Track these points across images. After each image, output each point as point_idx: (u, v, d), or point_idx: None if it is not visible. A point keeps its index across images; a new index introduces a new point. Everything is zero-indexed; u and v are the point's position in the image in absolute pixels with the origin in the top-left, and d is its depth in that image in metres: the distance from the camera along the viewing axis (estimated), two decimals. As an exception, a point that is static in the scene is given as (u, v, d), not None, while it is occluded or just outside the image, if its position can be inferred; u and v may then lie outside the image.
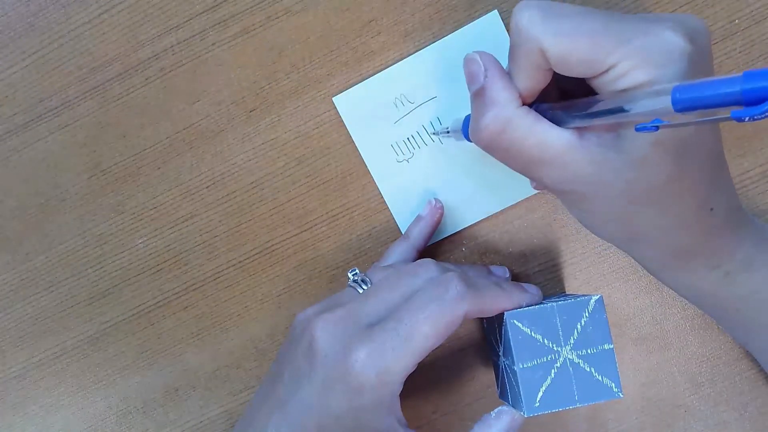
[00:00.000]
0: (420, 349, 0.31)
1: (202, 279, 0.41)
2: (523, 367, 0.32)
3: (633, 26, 0.27)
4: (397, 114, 0.39)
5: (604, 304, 0.33)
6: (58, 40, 0.40)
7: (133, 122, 0.40)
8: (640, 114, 0.25)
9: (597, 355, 0.32)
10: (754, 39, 0.38)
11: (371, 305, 0.33)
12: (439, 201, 0.39)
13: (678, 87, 0.22)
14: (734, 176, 0.39)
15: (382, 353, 0.31)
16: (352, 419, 0.31)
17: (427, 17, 0.39)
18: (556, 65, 0.28)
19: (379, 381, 0.31)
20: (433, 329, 0.31)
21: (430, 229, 0.38)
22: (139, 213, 0.41)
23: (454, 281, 0.32)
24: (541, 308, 0.33)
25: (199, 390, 0.42)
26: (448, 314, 0.31)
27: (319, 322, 0.32)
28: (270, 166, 0.40)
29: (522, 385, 0.32)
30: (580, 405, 0.32)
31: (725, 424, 0.40)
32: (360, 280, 0.35)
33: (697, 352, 0.40)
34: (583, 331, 0.32)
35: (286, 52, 0.39)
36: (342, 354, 0.31)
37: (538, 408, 0.32)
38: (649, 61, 0.26)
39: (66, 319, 0.42)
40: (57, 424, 0.43)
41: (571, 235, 0.40)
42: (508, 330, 0.33)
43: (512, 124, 0.30)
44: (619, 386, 0.32)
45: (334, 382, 0.31)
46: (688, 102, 0.22)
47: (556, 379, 0.32)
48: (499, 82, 0.30)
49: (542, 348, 0.32)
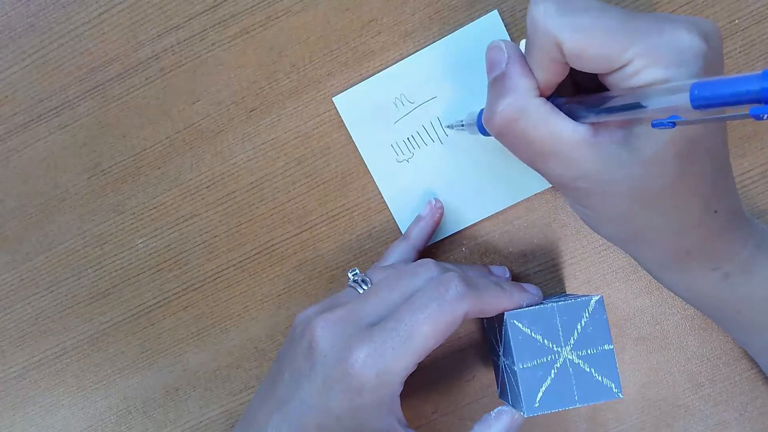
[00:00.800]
0: (420, 349, 0.31)
1: (202, 279, 0.41)
2: (523, 368, 0.32)
3: (648, 24, 0.27)
4: (397, 114, 0.39)
5: (605, 305, 0.33)
6: (58, 40, 0.40)
7: (133, 122, 0.40)
8: (657, 110, 0.25)
9: (597, 356, 0.32)
10: (754, 39, 0.38)
11: (371, 305, 0.33)
12: (439, 201, 0.39)
13: (697, 84, 0.22)
14: (734, 176, 0.39)
15: (383, 353, 0.31)
16: (352, 419, 0.31)
17: (427, 17, 0.39)
18: (571, 59, 0.28)
19: (379, 381, 0.31)
20: (433, 329, 0.31)
21: (430, 229, 0.38)
22: (139, 213, 0.41)
23: (454, 281, 0.32)
24: (542, 308, 0.33)
25: (199, 390, 0.42)
26: (449, 314, 0.31)
27: (319, 322, 0.32)
28: (270, 166, 0.40)
29: (522, 385, 0.32)
30: (580, 405, 0.32)
31: (725, 424, 0.40)
32: (360, 281, 0.35)
33: (697, 352, 0.40)
34: (583, 331, 0.32)
35: (286, 52, 0.39)
36: (342, 354, 0.31)
37: (538, 408, 0.32)
38: (664, 59, 0.26)
39: (66, 319, 0.42)
40: (57, 424, 0.43)
41: (571, 235, 0.40)
42: (509, 330, 0.32)
43: (527, 113, 0.30)
44: (619, 387, 0.32)
45: (334, 382, 0.31)
46: (706, 99, 0.22)
47: (556, 379, 0.32)
48: (520, 69, 0.30)
49: (542, 348, 0.32)
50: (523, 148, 0.31)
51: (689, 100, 0.22)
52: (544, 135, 0.29)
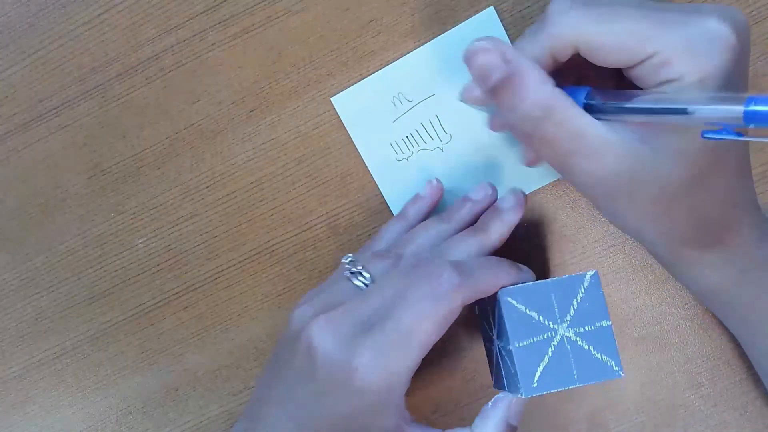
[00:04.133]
0: (422, 346, 0.31)
1: (202, 279, 0.41)
2: (518, 346, 0.31)
3: (674, 14, 0.26)
4: (395, 112, 0.39)
5: (600, 280, 0.32)
6: (58, 40, 0.40)
7: (133, 122, 0.40)
8: (705, 118, 0.23)
9: (595, 333, 0.31)
10: (754, 39, 0.38)
11: (370, 305, 0.32)
12: (440, 182, 0.38)
13: (754, 98, 0.21)
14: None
15: (386, 355, 0.30)
16: (359, 418, 0.31)
17: (426, 17, 0.39)
18: (590, 53, 0.27)
19: (385, 384, 0.30)
20: (432, 324, 0.30)
21: (427, 209, 0.38)
22: (139, 213, 0.41)
23: (446, 272, 0.31)
24: (536, 284, 0.32)
25: (199, 390, 0.42)
26: (445, 307, 0.31)
27: (318, 322, 0.32)
28: (270, 166, 0.40)
29: (518, 364, 0.31)
30: (579, 384, 0.31)
31: (725, 424, 0.40)
32: (358, 272, 0.34)
33: (697, 352, 0.40)
34: (579, 307, 0.31)
35: (286, 52, 0.39)
36: (344, 356, 0.31)
37: (537, 388, 0.31)
38: (693, 50, 0.25)
39: (66, 319, 0.42)
40: (57, 424, 0.43)
41: (571, 235, 0.40)
42: (502, 308, 0.31)
43: (552, 110, 0.28)
44: (619, 365, 0.31)
45: (337, 385, 0.31)
46: (763, 116, 0.21)
47: (553, 357, 0.31)
48: (527, 64, 0.28)
49: (538, 326, 0.31)
50: (551, 148, 0.29)
51: (742, 115, 0.21)
52: (567, 134, 0.28)
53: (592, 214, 0.39)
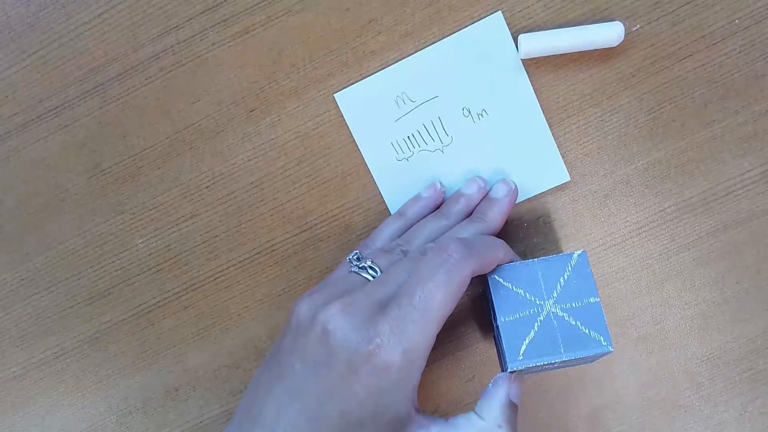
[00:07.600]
0: (438, 318, 0.31)
1: (202, 279, 0.41)
2: (504, 321, 0.32)
3: None
4: (398, 112, 0.39)
5: (588, 260, 0.33)
6: (58, 40, 0.40)
7: (133, 122, 0.40)
8: None
9: (582, 309, 0.32)
10: (754, 39, 0.38)
11: (383, 289, 0.32)
12: (443, 186, 0.39)
13: None
14: (734, 176, 0.39)
15: (404, 329, 0.30)
16: (375, 403, 0.31)
17: (427, 17, 0.39)
18: None
19: (405, 358, 0.30)
20: (445, 295, 0.31)
21: (427, 211, 0.38)
22: (139, 213, 0.41)
23: (453, 243, 0.32)
24: (523, 264, 0.33)
25: (199, 390, 0.42)
26: (457, 277, 0.31)
27: (331, 308, 0.32)
28: (270, 166, 0.40)
29: (504, 338, 0.32)
30: (566, 358, 0.32)
31: (725, 424, 0.40)
32: (367, 267, 0.34)
33: (697, 352, 0.40)
34: (566, 284, 0.32)
35: (286, 52, 0.39)
36: (362, 336, 0.31)
37: (522, 361, 0.32)
38: None
39: (66, 319, 0.42)
40: (57, 424, 0.43)
41: (571, 235, 0.40)
42: (490, 286, 0.33)
43: None
44: (608, 340, 0.32)
45: (358, 365, 0.31)
46: None
47: (539, 332, 0.32)
48: None
49: (524, 302, 0.32)
50: None
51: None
52: None
53: (592, 214, 0.39)
